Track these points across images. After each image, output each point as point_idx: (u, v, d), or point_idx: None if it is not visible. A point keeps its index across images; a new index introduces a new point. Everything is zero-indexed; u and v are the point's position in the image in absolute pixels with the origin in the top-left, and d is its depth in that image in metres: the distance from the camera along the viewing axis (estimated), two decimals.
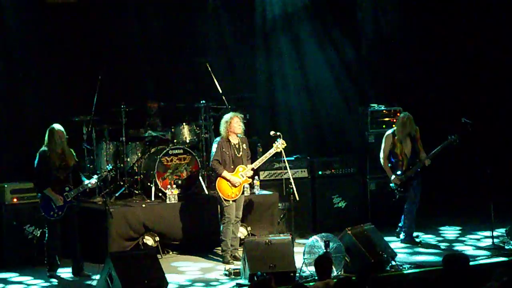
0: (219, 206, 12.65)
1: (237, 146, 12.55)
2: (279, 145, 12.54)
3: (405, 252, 12.83)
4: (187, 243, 13.27)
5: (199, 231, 13.32)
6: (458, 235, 13.92)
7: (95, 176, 12.27)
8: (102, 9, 14.41)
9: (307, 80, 15.65)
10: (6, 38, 13.94)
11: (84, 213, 12.77)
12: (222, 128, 12.52)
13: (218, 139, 12.57)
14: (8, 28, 13.94)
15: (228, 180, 12.40)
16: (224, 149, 12.45)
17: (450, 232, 14.13)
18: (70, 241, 12.07)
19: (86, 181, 12.07)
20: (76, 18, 14.24)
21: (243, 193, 12.69)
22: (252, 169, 12.61)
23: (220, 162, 12.43)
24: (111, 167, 12.69)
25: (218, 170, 12.43)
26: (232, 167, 12.45)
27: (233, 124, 12.47)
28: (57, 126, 12.03)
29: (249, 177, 12.61)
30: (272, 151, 12.55)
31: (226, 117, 12.56)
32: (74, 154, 12.16)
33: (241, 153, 12.53)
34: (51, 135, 11.98)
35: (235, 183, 12.41)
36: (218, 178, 12.44)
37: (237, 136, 12.58)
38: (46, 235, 12.08)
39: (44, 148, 12.00)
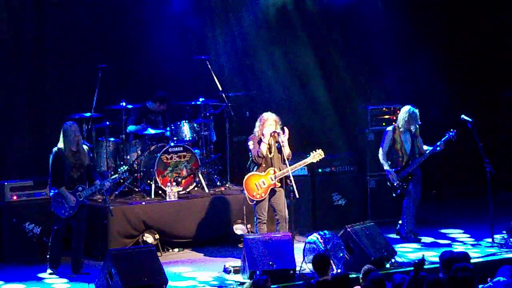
0: (244, 206, 12.65)
1: (269, 145, 12.22)
2: (316, 155, 12.34)
3: (405, 249, 12.83)
4: (187, 241, 13.28)
5: (199, 229, 13.32)
6: (458, 233, 13.90)
7: (110, 178, 12.23)
8: (102, 6, 14.39)
9: (307, 78, 15.64)
10: (4, 36, 13.92)
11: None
12: (256, 126, 12.28)
13: (252, 136, 12.32)
14: (6, 25, 13.92)
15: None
16: None
17: (449, 230, 14.11)
18: (76, 239, 12.02)
19: (99, 182, 12.00)
20: (76, 14, 14.22)
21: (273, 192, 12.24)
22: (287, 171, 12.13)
23: (261, 156, 12.06)
24: (125, 169, 12.51)
25: (257, 164, 12.11)
26: (265, 165, 12.23)
27: (265, 126, 12.17)
28: (70, 124, 11.93)
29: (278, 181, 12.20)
30: (307, 160, 12.36)
31: (262, 116, 12.26)
32: (88, 152, 12.06)
33: (273, 153, 12.21)
34: (65, 133, 11.86)
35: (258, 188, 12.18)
36: (245, 177, 12.23)
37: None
38: (52, 233, 12.00)
39: (58, 146, 11.89)
